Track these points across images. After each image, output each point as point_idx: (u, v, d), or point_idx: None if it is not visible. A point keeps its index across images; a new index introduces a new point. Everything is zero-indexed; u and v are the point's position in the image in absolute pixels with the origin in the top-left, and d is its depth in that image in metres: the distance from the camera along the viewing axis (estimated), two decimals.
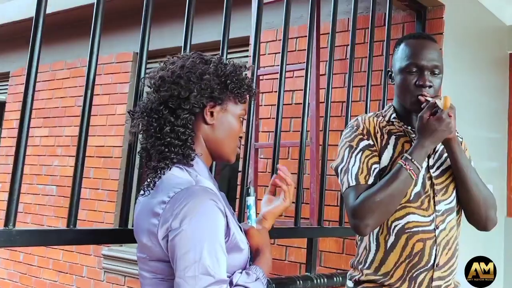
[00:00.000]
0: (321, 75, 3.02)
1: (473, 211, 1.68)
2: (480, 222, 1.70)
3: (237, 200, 2.15)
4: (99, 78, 4.70)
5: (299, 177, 2.31)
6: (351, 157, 1.63)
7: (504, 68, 3.66)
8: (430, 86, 1.62)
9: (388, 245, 1.62)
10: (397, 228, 1.61)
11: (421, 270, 1.60)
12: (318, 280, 2.38)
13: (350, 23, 2.69)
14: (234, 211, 1.72)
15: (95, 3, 1.69)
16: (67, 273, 4.89)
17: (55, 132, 5.22)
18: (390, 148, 1.65)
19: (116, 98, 4.76)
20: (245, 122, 1.82)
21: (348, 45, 2.65)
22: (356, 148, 1.64)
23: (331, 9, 2.48)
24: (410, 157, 1.55)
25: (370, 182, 1.60)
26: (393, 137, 1.67)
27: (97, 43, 1.68)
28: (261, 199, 1.54)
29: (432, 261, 1.60)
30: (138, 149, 1.44)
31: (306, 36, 2.40)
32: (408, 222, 1.60)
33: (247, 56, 3.71)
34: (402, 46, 1.69)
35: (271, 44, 3.67)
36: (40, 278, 5.09)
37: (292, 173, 3.34)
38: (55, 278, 4.98)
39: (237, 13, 2.43)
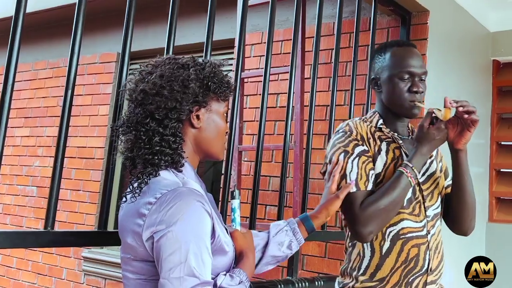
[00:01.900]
0: (306, 78, 3.02)
1: (462, 218, 1.74)
2: (463, 228, 1.76)
3: (220, 203, 2.14)
4: (82, 78, 4.66)
5: (282, 181, 2.30)
6: (347, 162, 1.63)
7: (487, 74, 3.70)
8: (421, 92, 1.68)
9: (384, 250, 1.64)
10: (392, 234, 1.63)
11: (417, 275, 1.63)
12: (300, 284, 2.37)
13: (335, 27, 2.69)
14: None
15: (77, 2, 1.66)
16: (46, 275, 4.82)
17: (36, 132, 5.15)
18: (383, 154, 1.67)
19: (99, 99, 4.71)
20: (228, 124, 1.81)
21: (333, 49, 2.65)
22: (352, 154, 1.64)
23: (316, 12, 2.48)
24: (410, 165, 1.60)
25: (369, 188, 1.62)
26: (384, 143, 1.70)
27: (78, 43, 1.66)
28: (245, 202, 1.53)
29: (426, 266, 1.64)
30: (119, 153, 1.41)
31: (291, 39, 2.39)
32: (402, 228, 1.63)
33: (231, 58, 3.70)
34: (389, 54, 1.71)
35: (256, 47, 3.66)
36: (18, 280, 5.02)
37: (275, 177, 3.36)
38: (33, 280, 4.90)
39: (222, 15, 2.42)
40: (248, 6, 2.21)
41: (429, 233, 1.66)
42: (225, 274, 1.28)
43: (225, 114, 1.43)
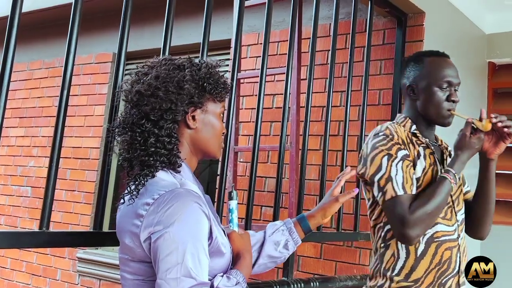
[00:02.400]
0: (302, 79, 3.02)
1: (483, 223, 1.86)
2: (483, 233, 1.89)
3: (215, 204, 2.13)
4: (78, 79, 4.65)
5: (278, 182, 2.29)
6: (391, 165, 1.67)
7: (483, 76, 3.71)
8: (457, 102, 1.78)
9: (419, 253, 1.70)
10: (426, 237, 1.70)
11: (449, 276, 1.72)
12: (295, 285, 2.37)
13: (331, 29, 2.69)
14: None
15: (73, 2, 1.66)
16: (40, 276, 4.81)
17: (31, 132, 5.13)
18: (422, 159, 1.74)
19: (95, 99, 4.70)
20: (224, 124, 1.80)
21: (329, 50, 2.65)
22: (396, 157, 1.68)
23: (312, 14, 2.48)
24: (453, 171, 1.68)
25: (413, 192, 1.67)
26: (421, 148, 1.76)
27: (74, 43, 1.65)
28: (241, 203, 1.54)
29: (457, 268, 1.74)
30: (115, 153, 1.42)
31: (288, 40, 2.39)
32: (436, 232, 1.71)
33: (228, 59, 3.70)
34: (427, 63, 1.80)
35: (253, 48, 3.66)
36: (12, 281, 5.00)
37: (270, 177, 3.35)
38: (28, 281, 4.88)
39: (218, 15, 2.42)
40: (244, 7, 2.21)
41: (459, 237, 1.75)
42: (222, 276, 1.29)
43: (221, 115, 1.43)
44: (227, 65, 3.66)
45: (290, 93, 2.36)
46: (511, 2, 3.45)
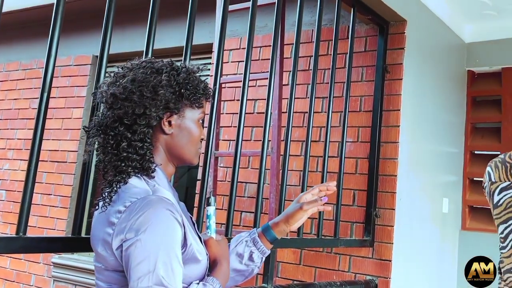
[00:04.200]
0: (284, 85, 3.01)
1: None
2: None
3: (195, 209, 2.11)
4: (56, 81, 4.55)
5: (260, 187, 2.28)
6: None
7: (462, 84, 3.75)
8: None
9: None
10: None
11: None
12: None
13: (313, 35, 2.69)
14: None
15: (55, 4, 1.62)
16: (13, 281, 4.70)
17: (7, 134, 5.04)
18: None
19: (73, 102, 4.63)
20: (205, 129, 1.78)
21: (311, 56, 2.65)
22: None
23: (295, 19, 2.47)
24: None
25: None
26: None
27: (55, 45, 1.61)
28: (221, 208, 1.51)
29: None
30: (86, 155, 1.39)
31: (270, 45, 2.38)
32: None
33: (209, 63, 3.68)
34: None
35: (235, 52, 3.65)
36: None
37: (251, 183, 3.33)
38: (0, 286, 4.77)
39: (200, 19, 2.39)
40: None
41: None
42: (198, 283, 1.27)
43: (200, 121, 1.40)
44: (209, 69, 3.63)
45: (272, 98, 2.35)
46: (489, 11, 3.51)
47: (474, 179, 3.71)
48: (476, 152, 3.73)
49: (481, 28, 3.71)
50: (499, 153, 3.60)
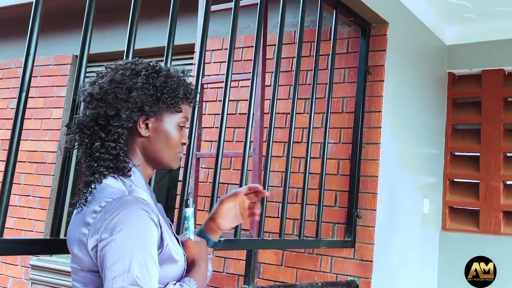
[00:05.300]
0: (267, 86, 3.01)
1: None
2: None
3: (176, 210, 2.09)
4: (35, 80, 4.51)
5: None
6: None
7: (443, 86, 3.79)
8: None
9: None
10: None
11: None
12: None
13: (296, 36, 2.69)
14: (173, 221, 1.66)
15: (34, 2, 1.59)
16: None
17: None
18: None
19: (52, 102, 4.57)
20: (187, 130, 1.77)
21: (294, 57, 2.65)
22: None
23: (278, 20, 2.47)
24: None
25: None
26: None
27: (34, 44, 1.58)
28: (202, 210, 1.50)
29: None
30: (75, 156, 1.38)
31: (252, 46, 2.37)
32: None
33: (191, 64, 3.65)
34: None
35: (217, 53, 3.64)
36: None
37: (232, 184, 3.32)
38: None
39: (181, 20, 2.37)
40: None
41: None
42: (174, 283, 1.27)
43: (180, 125, 1.38)
44: (191, 69, 3.61)
45: (254, 99, 2.34)
46: (470, 14, 3.54)
47: (454, 180, 3.75)
48: (456, 153, 3.77)
49: (462, 31, 3.75)
50: (479, 154, 3.66)
